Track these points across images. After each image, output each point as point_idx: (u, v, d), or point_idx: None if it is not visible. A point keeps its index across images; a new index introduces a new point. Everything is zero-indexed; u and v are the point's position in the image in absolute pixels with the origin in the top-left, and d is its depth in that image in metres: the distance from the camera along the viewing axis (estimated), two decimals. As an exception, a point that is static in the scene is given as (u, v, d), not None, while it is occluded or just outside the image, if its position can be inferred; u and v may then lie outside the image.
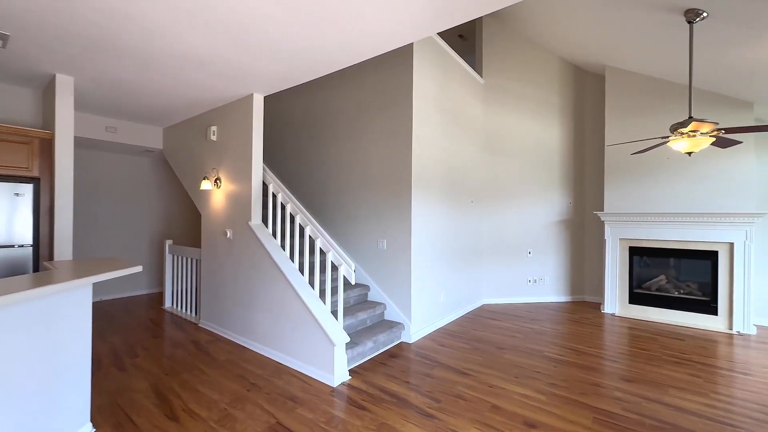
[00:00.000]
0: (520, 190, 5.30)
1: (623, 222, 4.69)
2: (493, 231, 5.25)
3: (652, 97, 4.56)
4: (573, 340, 3.67)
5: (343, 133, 4.18)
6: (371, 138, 3.91)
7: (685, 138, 2.96)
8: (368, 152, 3.93)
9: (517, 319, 4.41)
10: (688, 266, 4.54)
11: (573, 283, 5.43)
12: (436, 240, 4.03)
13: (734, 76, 3.71)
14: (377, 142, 3.85)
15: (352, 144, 4.09)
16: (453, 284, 4.39)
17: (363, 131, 3.98)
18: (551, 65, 5.32)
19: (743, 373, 2.91)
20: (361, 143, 3.99)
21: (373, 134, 3.89)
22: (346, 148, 4.15)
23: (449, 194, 4.31)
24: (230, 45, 2.47)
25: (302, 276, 3.06)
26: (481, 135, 5.20)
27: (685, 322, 4.30)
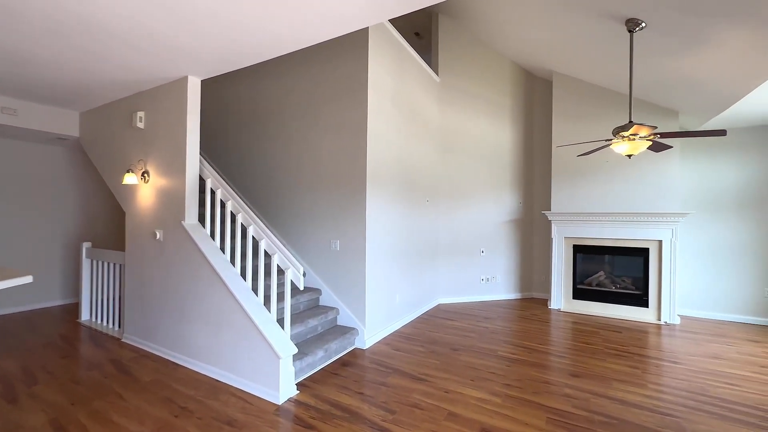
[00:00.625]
0: (474, 189, 5.36)
1: (568, 221, 4.92)
2: (449, 230, 5.26)
3: (595, 104, 4.82)
4: (524, 337, 3.74)
5: (294, 126, 3.89)
6: (324, 131, 3.67)
7: (626, 141, 3.10)
8: (320, 146, 3.69)
9: (471, 318, 4.42)
10: (623, 262, 4.87)
11: (522, 281, 5.61)
12: (392, 240, 3.90)
13: (663, 86, 4.01)
14: (330, 136, 3.63)
15: (302, 137, 3.82)
16: (409, 285, 4.30)
17: (315, 124, 3.73)
18: (503, 68, 5.44)
19: (673, 362, 3.13)
20: (313, 137, 3.74)
21: (325, 127, 3.66)
22: (296, 142, 3.87)
23: (405, 193, 4.21)
24: (158, 15, 2.11)
25: (244, 282, 2.75)
26: (437, 134, 5.17)
27: (622, 315, 4.60)
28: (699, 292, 4.63)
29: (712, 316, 4.55)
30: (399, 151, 4.05)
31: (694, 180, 4.67)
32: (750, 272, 4.40)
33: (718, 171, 4.55)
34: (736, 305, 4.47)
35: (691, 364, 3.10)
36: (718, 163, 4.55)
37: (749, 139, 4.41)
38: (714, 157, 4.56)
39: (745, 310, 4.42)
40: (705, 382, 2.75)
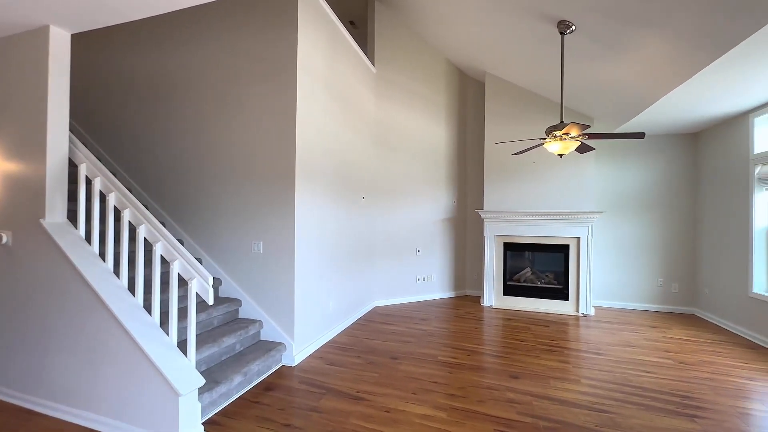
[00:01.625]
0: (411, 187, 5.22)
1: (499, 219, 5.04)
2: (386, 229, 5.03)
3: (526, 107, 5.00)
4: (461, 338, 3.66)
5: (208, 107, 3.27)
6: (245, 115, 3.13)
7: (558, 140, 3.17)
8: (242, 131, 3.15)
9: (408, 320, 4.24)
10: (547, 259, 5.15)
11: (456, 279, 5.65)
12: (325, 240, 3.51)
13: (582, 92, 4.27)
14: (253, 121, 3.11)
15: (220, 120, 3.22)
16: (344, 289, 3.95)
17: (234, 106, 3.17)
18: (439, 65, 5.39)
19: (596, 353, 3.29)
20: (233, 120, 3.18)
21: (247, 110, 3.13)
22: (212, 125, 3.25)
23: (340, 189, 3.85)
24: None
25: (133, 298, 2.14)
26: (374, 128, 4.91)
27: (547, 309, 4.84)
28: (607, 284, 5.09)
29: (618, 305, 5.04)
30: (333, 143, 3.68)
31: (604, 182, 5.11)
32: (647, 265, 4.95)
33: (624, 175, 5.05)
34: (637, 294, 5.00)
35: (611, 354, 3.29)
36: (624, 168, 5.04)
37: (650, 147, 4.96)
38: (621, 163, 5.05)
39: (643, 299, 4.97)
40: (626, 371, 2.90)
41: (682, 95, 3.46)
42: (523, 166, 5.00)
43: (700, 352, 3.36)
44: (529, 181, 4.98)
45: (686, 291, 4.82)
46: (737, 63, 2.77)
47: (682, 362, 3.11)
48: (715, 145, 4.43)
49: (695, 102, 3.65)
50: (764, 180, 3.66)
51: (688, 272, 4.81)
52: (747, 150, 3.88)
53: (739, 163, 3.99)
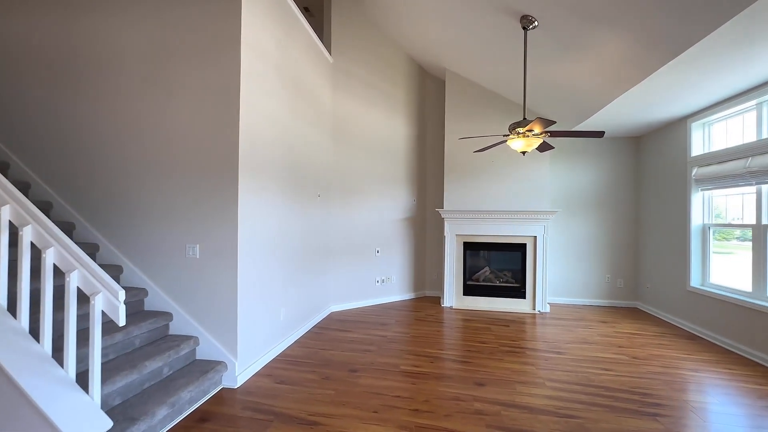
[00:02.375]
0: (370, 185, 4.97)
1: (459, 219, 4.96)
2: (343, 229, 4.73)
3: (486, 106, 4.96)
4: (423, 343, 3.48)
5: (131, 86, 2.75)
6: (177, 97, 2.67)
7: (521, 137, 3.09)
8: (172, 116, 2.68)
9: (367, 326, 3.99)
10: (505, 258, 5.17)
11: (416, 280, 5.50)
12: (276, 242, 3.14)
13: (539, 92, 4.30)
14: (187, 104, 2.66)
15: (145, 103, 2.72)
16: (297, 295, 3.59)
17: (163, 85, 2.69)
18: (398, 60, 5.19)
19: (556, 353, 3.27)
20: (161, 102, 2.70)
21: (179, 91, 2.67)
22: (135, 108, 2.74)
23: (293, 186, 3.49)
24: None
25: (12, 320, 1.65)
26: (330, 121, 4.58)
27: (505, 308, 4.84)
28: (560, 281, 5.23)
29: (570, 301, 5.20)
30: (285, 134, 3.32)
31: (557, 182, 5.24)
32: (596, 262, 5.16)
33: (574, 176, 5.21)
34: (586, 290, 5.19)
35: (571, 352, 3.29)
36: (575, 169, 5.20)
37: (597, 150, 5.16)
38: (572, 163, 5.21)
39: (592, 294, 5.17)
40: (587, 370, 2.89)
41: (632, 98, 3.56)
42: (483, 164, 4.97)
43: (648, 346, 3.48)
44: (488, 180, 4.96)
45: (630, 286, 5.09)
46: (682, 68, 2.87)
47: (635, 357, 3.19)
48: (655, 148, 4.70)
49: (642, 106, 3.80)
50: (701, 181, 3.91)
51: (632, 268, 5.08)
52: (685, 153, 4.13)
53: (678, 166, 4.25)
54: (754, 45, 2.48)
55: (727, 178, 3.52)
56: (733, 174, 3.43)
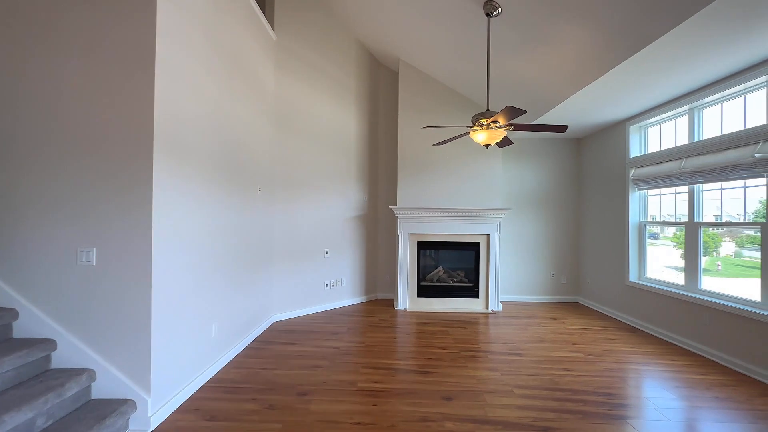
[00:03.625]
0: (318, 179, 4.52)
1: (414, 217, 4.74)
2: (288, 228, 4.22)
3: (442, 102, 4.78)
4: (381, 353, 3.16)
5: None
6: (64, 52, 2.01)
7: (484, 129, 2.92)
8: (54, 79, 2.01)
9: (317, 336, 3.56)
10: (458, 257, 5.07)
11: (368, 282, 5.17)
12: (206, 243, 2.58)
13: (494, 88, 4.23)
14: (74, 63, 2.01)
15: (10, 59, 2.01)
16: (233, 306, 3.04)
17: (42, 35, 2.01)
18: (350, 47, 4.81)
19: (517, 354, 3.17)
20: (39, 60, 2.01)
21: (67, 45, 2.01)
22: (4, 66, 2.02)
23: (228, 177, 2.94)
24: None
25: None
26: (273, 106, 4.05)
27: (459, 308, 4.73)
28: (509, 279, 5.28)
29: (520, 298, 5.27)
30: (218, 114, 2.76)
31: (508, 181, 5.28)
32: (542, 259, 5.29)
33: (523, 174, 5.29)
34: (534, 287, 5.30)
35: (530, 353, 3.21)
36: (523, 169, 5.29)
37: (543, 150, 5.30)
38: (521, 162, 5.28)
39: (539, 291, 5.30)
40: (549, 372, 2.80)
41: (582, 98, 3.61)
42: (437, 161, 4.80)
43: (598, 341, 3.55)
44: (442, 178, 4.81)
45: (572, 282, 5.30)
46: (631, 70, 2.93)
47: (589, 354, 3.20)
48: (595, 150, 4.93)
49: (587, 108, 3.89)
50: (638, 181, 4.13)
51: (574, 264, 5.30)
52: (623, 155, 4.36)
53: (617, 167, 4.47)
54: (696, 48, 2.57)
55: (664, 179, 3.73)
56: (669, 174, 3.64)
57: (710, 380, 2.70)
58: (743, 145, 2.93)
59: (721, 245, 4.22)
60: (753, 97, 2.98)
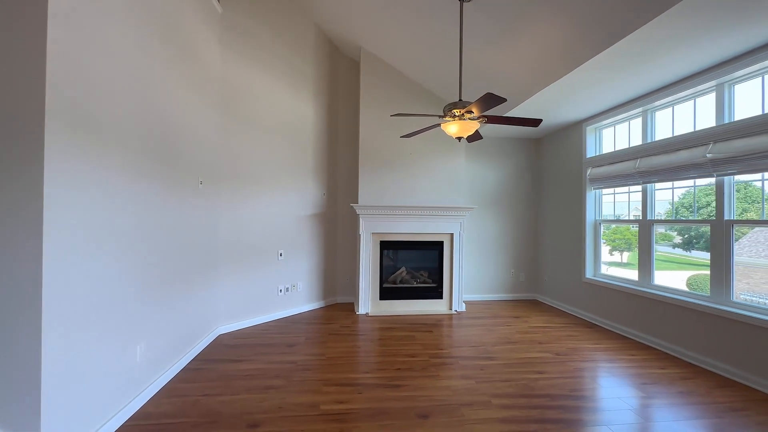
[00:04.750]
0: (271, 174, 4.06)
1: (376, 215, 4.46)
2: (236, 228, 3.72)
3: (406, 97, 4.55)
4: (344, 366, 2.84)
5: None
6: None
7: (457, 121, 2.73)
8: None
9: (270, 350, 3.14)
10: (421, 257, 4.89)
11: (326, 286, 4.80)
12: (128, 246, 2.08)
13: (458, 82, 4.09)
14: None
15: None
16: (166, 320, 2.54)
17: None
18: (307, 30, 4.41)
19: (488, 358, 3.03)
20: None
21: None
22: None
23: (160, 166, 2.43)
24: None
25: None
26: (218, 88, 3.54)
27: (423, 310, 4.54)
28: (471, 278, 5.22)
29: (481, 297, 5.23)
30: (146, 86, 2.26)
31: (470, 179, 5.21)
32: (502, 258, 5.31)
33: (484, 173, 5.26)
34: (495, 286, 5.30)
35: (500, 356, 3.09)
36: (484, 167, 5.26)
37: (503, 150, 5.31)
38: (482, 161, 5.25)
39: (500, 289, 5.31)
40: (523, 376, 2.69)
41: (546, 96, 3.60)
42: (400, 156, 4.57)
43: (562, 339, 3.55)
44: (405, 174, 4.59)
45: (530, 279, 5.38)
46: (592, 69, 2.93)
47: (557, 353, 3.16)
48: (553, 150, 5.03)
49: (548, 107, 3.91)
50: (594, 181, 4.24)
51: (532, 262, 5.38)
52: (580, 155, 4.47)
53: (574, 166, 4.58)
54: (649, 54, 2.61)
55: (619, 178, 3.85)
56: (625, 174, 3.75)
57: (671, 374, 2.75)
58: (695, 146, 3.05)
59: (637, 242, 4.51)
60: (702, 100, 3.13)
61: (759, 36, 2.43)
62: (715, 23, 2.28)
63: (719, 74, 2.84)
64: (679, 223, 3.48)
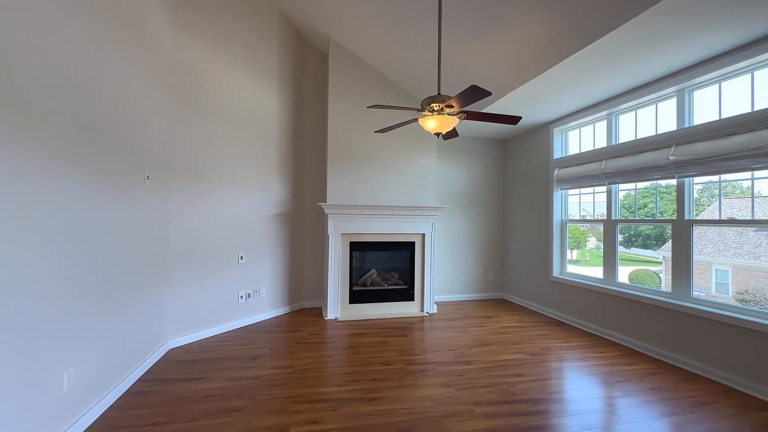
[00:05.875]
0: (231, 170, 3.71)
1: (346, 215, 4.25)
2: (190, 229, 3.34)
3: (378, 92, 4.36)
4: (315, 379, 2.60)
5: None
6: None
7: (436, 116, 2.60)
8: None
9: (231, 364, 2.82)
10: (392, 258, 4.74)
11: (291, 290, 4.50)
12: (46, 254, 1.71)
13: (431, 79, 4.00)
14: None
15: None
16: (101, 339, 2.16)
17: None
18: (272, 16, 4.09)
19: (465, 363, 2.94)
20: None
21: None
22: None
23: (95, 156, 2.06)
24: None
25: None
26: (170, 73, 3.14)
27: (394, 313, 4.40)
28: (442, 279, 5.16)
29: (451, 297, 5.19)
30: (79, 60, 1.89)
31: (440, 179, 5.15)
32: (472, 258, 5.31)
33: (455, 173, 5.23)
34: (465, 286, 5.28)
35: (477, 359, 3.01)
36: (454, 166, 5.22)
37: (472, 149, 5.31)
38: (451, 160, 5.21)
39: (470, 289, 5.30)
40: (502, 380, 2.62)
41: (519, 95, 3.60)
42: (371, 154, 4.39)
43: (535, 339, 3.56)
44: (377, 173, 4.41)
45: (498, 279, 5.43)
46: (569, 69, 2.96)
47: (532, 354, 3.14)
48: (520, 151, 5.10)
49: (519, 108, 3.93)
50: (561, 181, 4.33)
51: (500, 262, 5.43)
52: (547, 156, 4.55)
53: (541, 167, 4.66)
54: (622, 58, 2.66)
55: (586, 179, 3.94)
56: (591, 175, 3.85)
57: (640, 370, 2.82)
58: (658, 148, 3.17)
59: (588, 240, 4.77)
60: (664, 105, 3.26)
61: (715, 46, 2.55)
62: (677, 31, 2.34)
63: (680, 80, 2.96)
64: (644, 223, 3.62)
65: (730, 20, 2.24)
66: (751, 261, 3.65)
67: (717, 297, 3.52)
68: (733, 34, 2.40)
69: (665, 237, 4.39)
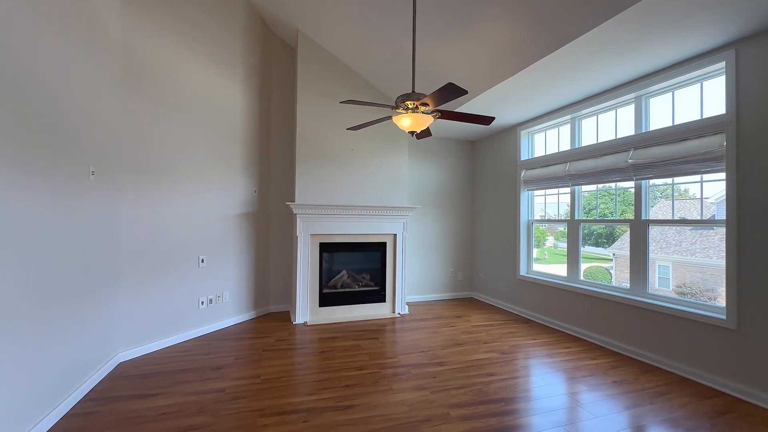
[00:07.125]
0: (190, 165, 3.45)
1: (315, 215, 4.10)
2: (144, 230, 3.05)
3: (349, 89, 4.25)
4: (284, 389, 2.46)
5: None
6: None
7: (410, 114, 2.55)
8: None
9: (190, 377, 2.60)
10: (363, 258, 4.65)
11: (257, 294, 4.28)
12: (-33, 260, 1.46)
13: (405, 77, 3.96)
14: None
15: None
16: (36, 355, 1.89)
17: None
18: (236, 3, 3.86)
19: (438, 364, 2.92)
20: None
21: None
22: None
23: (29, 148, 1.80)
24: None
25: None
26: (120, 59, 2.85)
27: (366, 315, 4.31)
28: (412, 279, 5.15)
29: (421, 297, 5.19)
30: (9, 36, 1.63)
31: (412, 179, 5.14)
32: (441, 257, 5.34)
33: (426, 173, 5.24)
34: (435, 285, 5.31)
35: (450, 359, 3.01)
36: (424, 166, 5.23)
37: (442, 150, 5.34)
38: (423, 160, 5.21)
39: (440, 288, 5.34)
40: (475, 380, 2.62)
41: (489, 97, 3.65)
42: (342, 153, 4.27)
43: (504, 337, 3.62)
44: (348, 172, 4.30)
45: (467, 278, 5.51)
46: (539, 71, 3.03)
47: (503, 353, 3.19)
48: (488, 152, 5.20)
49: (491, 109, 3.99)
50: (528, 182, 4.46)
51: (469, 261, 5.51)
52: (515, 157, 4.67)
53: (509, 168, 4.78)
54: (591, 64, 2.77)
55: (551, 180, 4.08)
56: (556, 176, 3.99)
57: (603, 364, 2.94)
58: (618, 151, 3.33)
59: (546, 239, 5.02)
60: (623, 111, 3.43)
61: (669, 56, 2.71)
62: (636, 40, 2.46)
63: (637, 87, 3.12)
64: (603, 223, 3.80)
65: (683, 32, 2.38)
66: (688, 257, 3.95)
67: (659, 291, 3.77)
68: (686, 45, 2.55)
69: (615, 236, 4.68)
